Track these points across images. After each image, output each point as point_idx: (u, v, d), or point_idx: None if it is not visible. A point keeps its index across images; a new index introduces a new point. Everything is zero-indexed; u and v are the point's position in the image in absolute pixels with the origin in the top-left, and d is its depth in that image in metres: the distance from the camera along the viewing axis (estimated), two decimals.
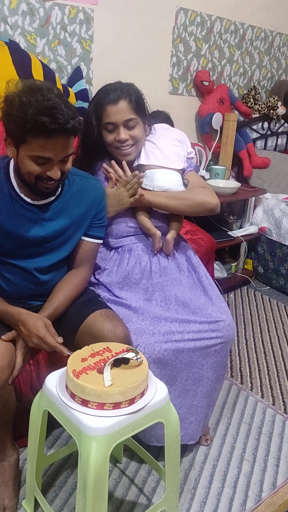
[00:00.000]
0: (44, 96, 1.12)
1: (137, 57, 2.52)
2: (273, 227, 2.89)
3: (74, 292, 1.43)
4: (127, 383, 1.06)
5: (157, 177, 1.57)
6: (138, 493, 1.47)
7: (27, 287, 1.39)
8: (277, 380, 2.07)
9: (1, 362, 1.18)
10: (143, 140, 1.60)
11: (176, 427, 1.21)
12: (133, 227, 1.61)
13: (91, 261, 1.50)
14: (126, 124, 1.51)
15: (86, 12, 2.23)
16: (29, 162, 1.19)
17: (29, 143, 1.15)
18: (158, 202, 1.57)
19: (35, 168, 1.19)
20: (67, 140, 1.18)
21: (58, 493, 1.44)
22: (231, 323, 1.50)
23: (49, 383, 1.15)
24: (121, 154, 1.57)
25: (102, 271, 1.61)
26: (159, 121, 1.76)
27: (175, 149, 1.65)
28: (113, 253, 1.63)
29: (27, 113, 1.11)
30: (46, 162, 1.19)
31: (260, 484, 1.53)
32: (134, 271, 1.56)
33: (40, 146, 1.15)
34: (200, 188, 1.63)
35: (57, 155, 1.18)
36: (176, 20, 2.64)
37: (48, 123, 1.11)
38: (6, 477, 1.36)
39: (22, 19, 2.04)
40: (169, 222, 1.64)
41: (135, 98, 1.52)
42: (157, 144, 1.62)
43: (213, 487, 1.51)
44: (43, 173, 1.20)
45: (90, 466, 1.02)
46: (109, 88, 1.53)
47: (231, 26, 2.96)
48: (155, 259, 1.59)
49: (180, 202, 1.57)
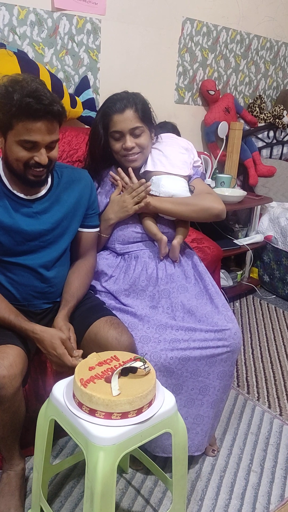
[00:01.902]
0: (28, 83, 1.19)
1: (143, 67, 2.54)
2: (279, 235, 2.88)
3: (87, 279, 1.50)
4: (135, 393, 1.05)
5: (163, 183, 1.58)
6: (145, 504, 1.45)
7: (33, 285, 1.40)
8: (284, 390, 2.05)
9: (13, 369, 1.18)
10: (149, 148, 1.62)
11: (183, 437, 1.20)
12: (140, 233, 1.62)
13: (94, 248, 1.58)
14: (132, 132, 1.53)
15: (93, 23, 2.25)
16: (17, 148, 1.22)
17: (16, 128, 1.19)
18: (164, 208, 1.58)
19: (23, 153, 1.23)
20: (51, 123, 1.22)
21: (64, 503, 1.43)
22: (238, 332, 1.49)
23: (56, 392, 1.14)
24: (127, 161, 1.58)
25: (109, 278, 1.61)
26: (166, 131, 1.78)
27: (182, 156, 1.66)
28: (119, 260, 1.63)
29: (12, 98, 1.16)
30: (33, 146, 1.22)
31: (268, 496, 1.51)
32: (140, 278, 1.56)
33: (27, 129, 1.19)
34: (206, 194, 1.64)
35: (43, 139, 1.22)
36: (183, 30, 2.66)
37: (33, 103, 1.16)
38: (12, 487, 1.35)
39: (30, 29, 2.06)
40: (175, 228, 1.65)
41: (141, 107, 1.54)
42: (164, 152, 1.63)
43: (220, 498, 1.49)
44: (30, 159, 1.24)
45: (98, 476, 1.01)
46: (115, 98, 1.55)
47: (237, 36, 2.98)
48: (162, 265, 1.59)
49: (186, 207, 1.58)
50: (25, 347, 1.28)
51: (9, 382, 1.15)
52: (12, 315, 1.30)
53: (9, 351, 1.21)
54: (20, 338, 1.29)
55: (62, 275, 1.47)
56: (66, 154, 1.99)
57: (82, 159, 2.02)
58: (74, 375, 1.11)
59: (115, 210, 1.58)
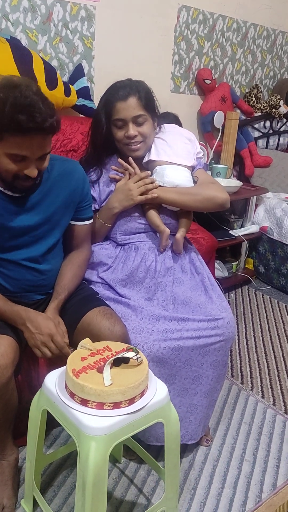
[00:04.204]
0: (21, 93, 1.11)
1: (138, 55, 2.51)
2: (274, 226, 2.88)
3: (80, 271, 1.48)
4: (127, 383, 1.05)
5: (167, 173, 1.57)
6: (138, 493, 1.46)
7: (25, 279, 1.38)
8: (278, 380, 2.06)
9: (5, 359, 1.17)
10: (152, 137, 1.60)
11: (176, 427, 1.20)
12: (143, 223, 1.60)
13: (88, 239, 1.56)
14: (135, 120, 1.51)
15: (88, 9, 2.21)
16: (6, 160, 1.18)
17: (6, 140, 1.14)
18: (168, 198, 1.56)
19: (12, 166, 1.19)
20: (44, 139, 1.17)
21: (57, 493, 1.43)
22: (231, 321, 1.49)
23: (48, 382, 1.14)
24: (130, 150, 1.56)
25: (108, 268, 1.60)
26: (169, 121, 1.76)
27: (185, 146, 1.65)
28: (119, 251, 1.62)
29: (4, 110, 1.10)
30: (23, 160, 1.18)
31: (260, 485, 1.52)
32: (138, 270, 1.56)
33: (17, 144, 1.14)
34: (210, 184, 1.63)
35: (34, 154, 1.18)
36: (178, 17, 2.63)
37: (24, 122, 1.09)
38: (5, 476, 1.35)
39: (23, 16, 2.02)
40: (178, 219, 1.64)
41: (144, 95, 1.52)
42: (168, 141, 1.62)
43: (213, 487, 1.50)
44: (20, 172, 1.20)
45: (89, 466, 1.01)
46: (119, 85, 1.53)
47: (234, 24, 2.95)
48: (161, 258, 1.58)
49: (189, 197, 1.57)
50: (17, 337, 1.27)
51: (0, 372, 1.15)
52: (1, 301, 1.29)
53: (0, 341, 1.20)
54: (12, 328, 1.28)
55: (55, 268, 1.45)
56: (60, 143, 1.97)
57: (76, 149, 2.00)
58: (66, 365, 1.10)
59: (120, 199, 1.55)
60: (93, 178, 1.63)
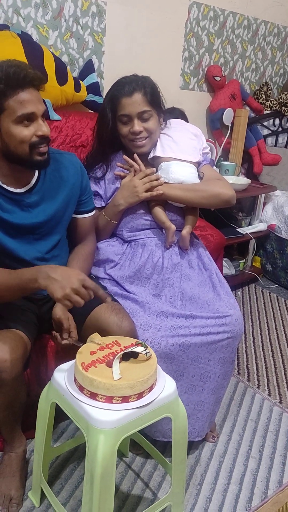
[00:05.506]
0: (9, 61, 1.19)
1: (148, 51, 2.50)
2: (282, 224, 2.87)
3: (86, 264, 1.48)
4: (136, 377, 1.05)
5: (173, 169, 1.57)
6: (144, 488, 1.47)
7: None
8: (284, 378, 2.06)
9: (14, 354, 1.17)
10: (157, 133, 1.59)
11: (184, 422, 1.20)
12: (149, 220, 1.61)
13: (93, 231, 1.56)
14: (140, 116, 1.51)
15: (98, 5, 2.21)
16: (17, 128, 1.20)
17: (8, 107, 1.17)
18: (173, 194, 1.56)
19: (25, 132, 1.20)
20: (37, 92, 1.22)
21: (64, 485, 1.45)
22: (239, 319, 1.49)
23: (57, 376, 1.15)
24: (135, 146, 1.56)
25: (115, 265, 1.60)
26: (174, 116, 1.76)
27: (191, 142, 1.65)
28: (125, 247, 1.62)
29: None
30: (31, 120, 1.20)
31: (266, 481, 1.53)
32: (146, 266, 1.56)
33: (20, 102, 1.17)
34: (216, 180, 1.62)
35: (38, 109, 1.21)
36: (189, 14, 2.62)
37: (18, 70, 1.16)
38: (13, 468, 1.37)
39: (34, 11, 2.03)
40: (184, 216, 1.64)
41: (150, 91, 1.51)
42: (173, 137, 1.61)
43: (219, 483, 1.51)
44: (33, 136, 1.21)
45: (98, 459, 1.02)
46: (124, 81, 1.53)
47: (244, 21, 2.93)
48: (168, 254, 1.59)
49: (195, 194, 1.57)
50: (27, 331, 1.28)
51: (10, 366, 1.15)
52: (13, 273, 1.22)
53: (11, 336, 1.21)
54: (22, 323, 1.29)
55: (62, 263, 1.44)
56: (70, 138, 1.97)
57: (85, 144, 2.00)
58: (75, 359, 1.11)
59: (125, 195, 1.56)
60: (98, 175, 1.63)
